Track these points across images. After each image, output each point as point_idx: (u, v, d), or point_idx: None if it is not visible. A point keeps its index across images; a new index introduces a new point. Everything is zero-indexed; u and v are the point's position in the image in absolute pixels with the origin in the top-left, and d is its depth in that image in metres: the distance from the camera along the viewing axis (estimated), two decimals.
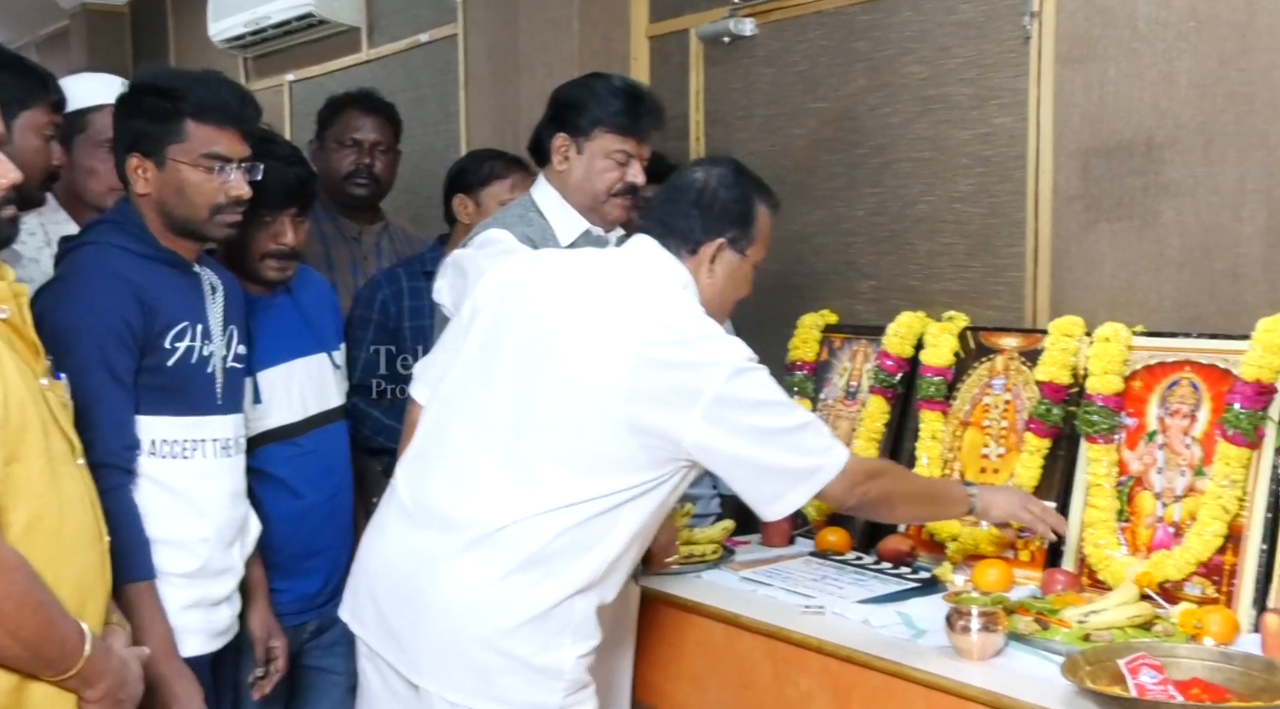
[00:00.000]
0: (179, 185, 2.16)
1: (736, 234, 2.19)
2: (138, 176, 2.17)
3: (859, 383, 3.07)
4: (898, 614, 2.38)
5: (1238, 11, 2.41)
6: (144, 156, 2.16)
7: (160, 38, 6.26)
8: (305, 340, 2.58)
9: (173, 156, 2.15)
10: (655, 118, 2.59)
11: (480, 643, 2.02)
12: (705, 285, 2.19)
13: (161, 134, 2.15)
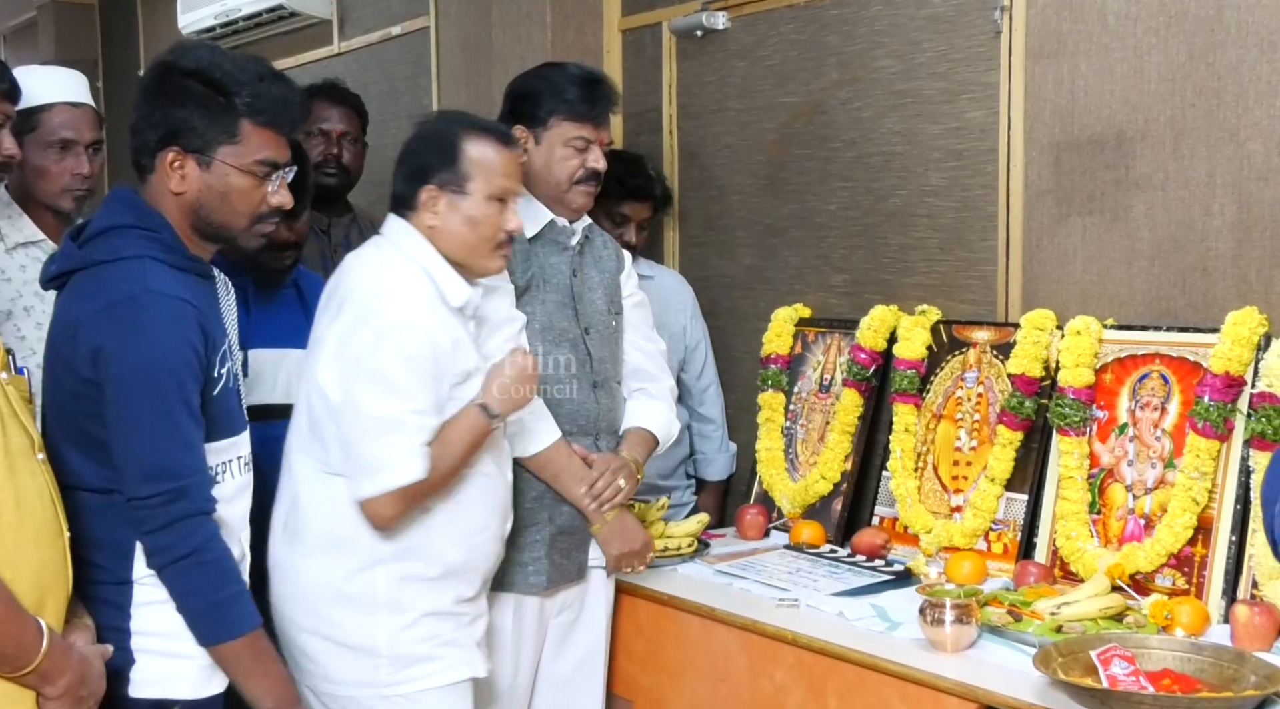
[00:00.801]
0: (224, 190, 1.92)
1: (445, 176, 2.21)
2: (173, 173, 1.91)
3: (833, 376, 3.08)
4: (872, 607, 2.40)
5: (1206, 6, 2.43)
6: (185, 152, 1.90)
7: (129, 30, 6.20)
8: (304, 335, 2.57)
9: (222, 158, 1.91)
10: (612, 102, 2.60)
11: (298, 628, 2.16)
12: (436, 236, 2.21)
13: (211, 131, 1.90)
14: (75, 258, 1.88)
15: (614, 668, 2.68)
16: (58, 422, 1.89)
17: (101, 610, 1.85)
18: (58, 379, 1.88)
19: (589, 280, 2.60)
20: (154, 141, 1.91)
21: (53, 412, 1.91)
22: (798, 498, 3.02)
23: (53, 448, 1.84)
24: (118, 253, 1.86)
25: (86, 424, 1.85)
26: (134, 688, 1.85)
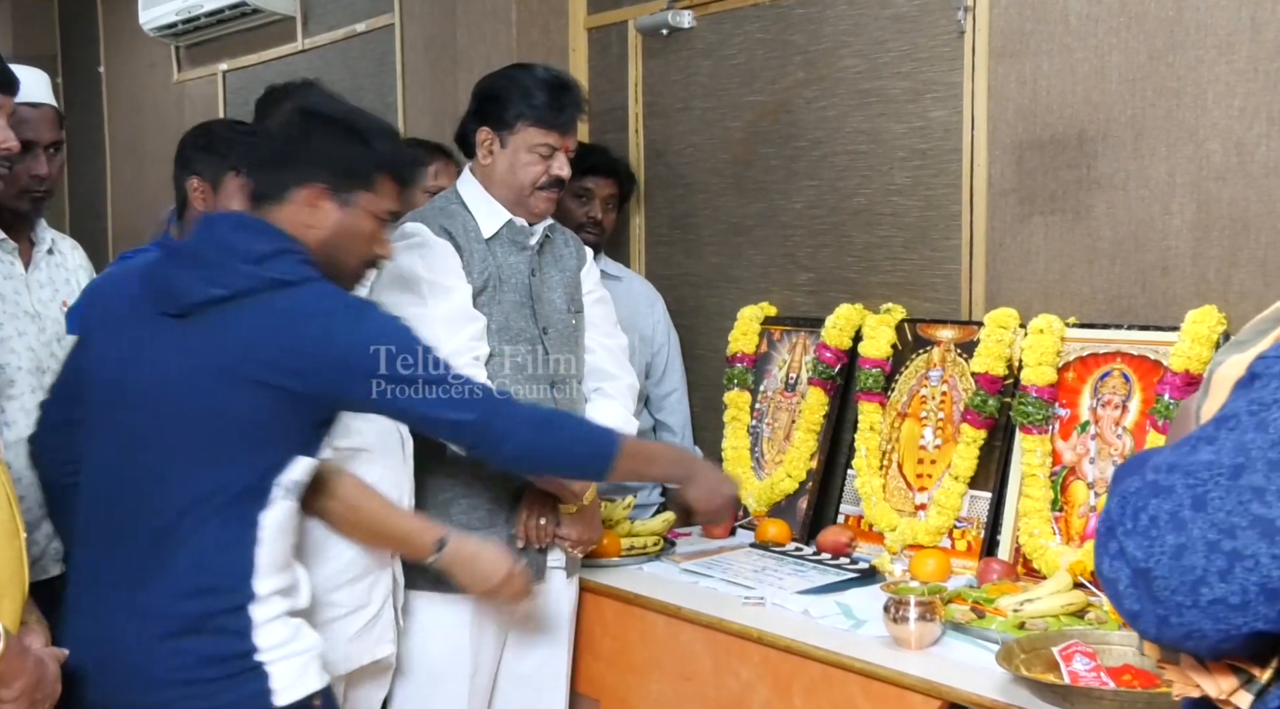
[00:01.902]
0: (355, 232, 2.00)
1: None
2: (311, 208, 1.97)
3: (798, 375, 3.09)
4: (837, 604, 2.40)
5: (1166, 8, 2.45)
6: (328, 192, 1.96)
7: (90, 26, 6.13)
8: None
9: (360, 202, 1.99)
10: (580, 109, 2.58)
11: None
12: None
13: (354, 177, 1.98)
14: (253, 278, 1.86)
15: (580, 667, 2.68)
16: (184, 438, 1.85)
17: (221, 642, 1.82)
18: (205, 394, 1.84)
19: (549, 280, 2.59)
20: (294, 177, 1.95)
21: (176, 430, 1.85)
22: (763, 496, 3.03)
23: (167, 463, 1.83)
24: (301, 275, 1.89)
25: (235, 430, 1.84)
26: (277, 698, 1.84)
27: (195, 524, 1.82)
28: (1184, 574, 1.12)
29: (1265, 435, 1.10)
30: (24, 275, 2.65)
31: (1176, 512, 1.13)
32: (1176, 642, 1.18)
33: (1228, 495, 1.11)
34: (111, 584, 1.85)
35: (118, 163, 6.07)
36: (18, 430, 2.52)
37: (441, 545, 2.22)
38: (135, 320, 1.90)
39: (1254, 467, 1.10)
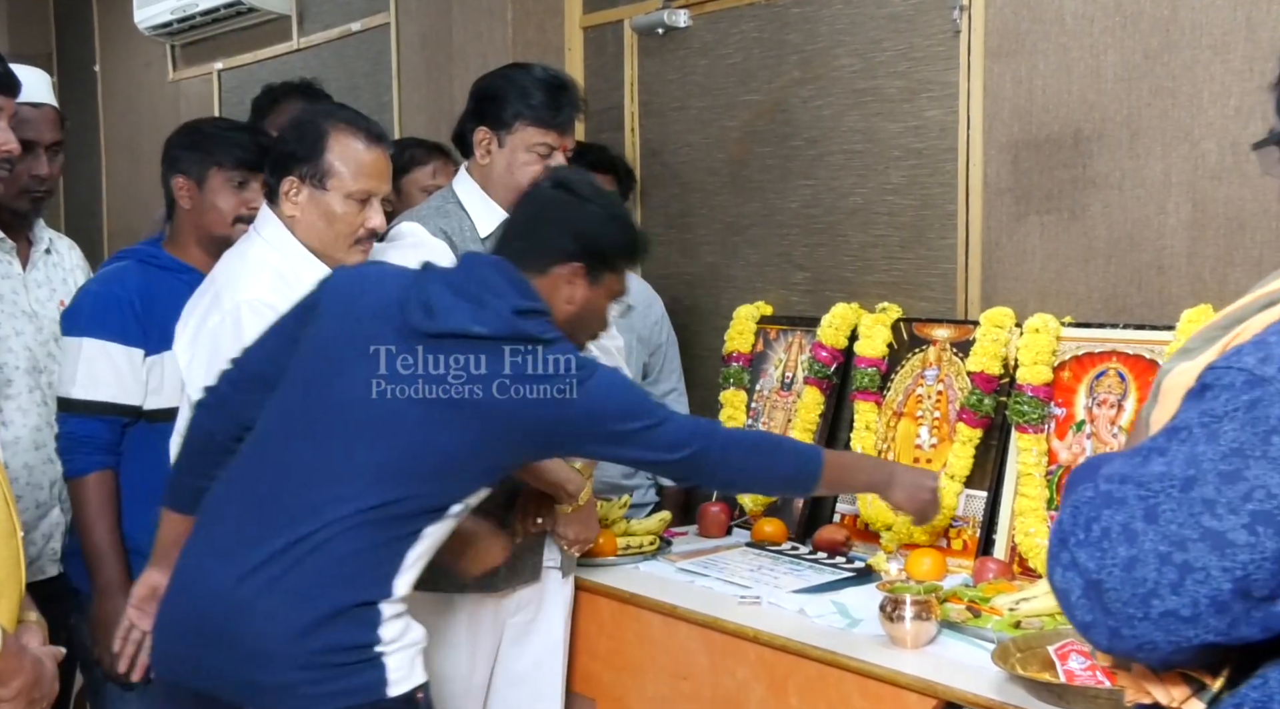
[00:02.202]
0: (590, 313, 2.12)
1: (306, 168, 2.26)
2: (567, 287, 2.07)
3: (794, 374, 3.09)
4: (833, 603, 2.40)
5: (1161, 7, 2.45)
6: (585, 272, 2.07)
7: (85, 24, 6.12)
8: None
9: (606, 284, 2.11)
10: (577, 109, 2.58)
11: None
12: (294, 226, 2.30)
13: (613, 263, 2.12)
14: (512, 327, 1.91)
15: (575, 666, 2.68)
16: (418, 463, 1.88)
17: (353, 632, 1.84)
18: (430, 419, 1.87)
19: None
20: (558, 253, 2.02)
21: (383, 441, 1.88)
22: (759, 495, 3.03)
23: (384, 480, 1.84)
24: (552, 336, 1.94)
25: (445, 458, 1.88)
26: (391, 688, 1.87)
27: (363, 525, 1.84)
28: (1135, 586, 1.13)
29: (1216, 447, 1.11)
30: (22, 275, 2.65)
31: (1128, 523, 1.13)
32: (1128, 653, 1.19)
33: (1179, 508, 1.11)
34: (258, 560, 1.84)
35: (113, 162, 6.06)
36: (14, 430, 2.52)
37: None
38: (381, 323, 1.92)
39: (1205, 479, 1.10)
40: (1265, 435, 1.09)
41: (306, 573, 1.82)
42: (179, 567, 1.94)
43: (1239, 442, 1.10)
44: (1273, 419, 1.09)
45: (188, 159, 2.56)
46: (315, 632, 1.81)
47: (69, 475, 2.47)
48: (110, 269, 2.59)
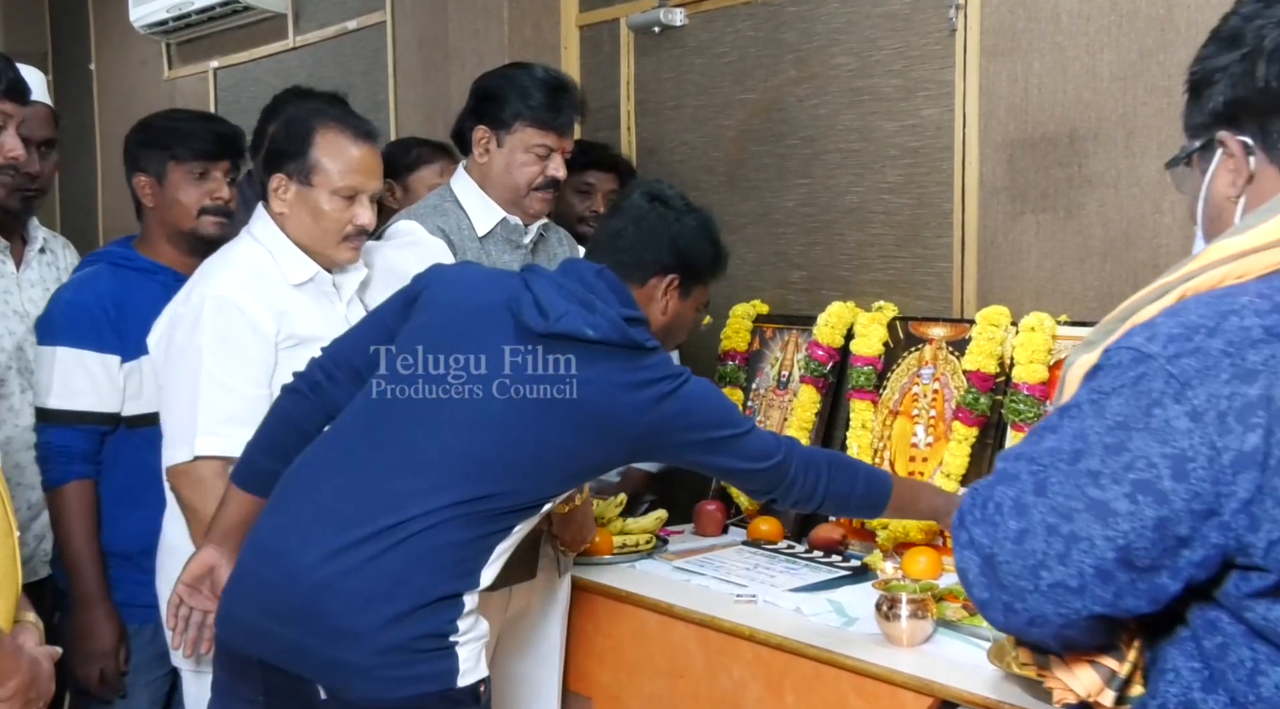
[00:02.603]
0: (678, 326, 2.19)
1: (294, 166, 2.29)
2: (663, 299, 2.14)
3: (790, 372, 3.09)
4: (829, 602, 2.40)
5: (1157, 6, 2.45)
6: (677, 284, 2.14)
7: (80, 23, 6.12)
8: None
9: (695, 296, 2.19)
10: (577, 111, 2.58)
11: None
12: (284, 222, 2.32)
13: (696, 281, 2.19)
14: (620, 332, 1.93)
15: (572, 665, 2.68)
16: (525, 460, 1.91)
17: (436, 620, 1.85)
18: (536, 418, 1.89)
19: None
20: (656, 265, 2.09)
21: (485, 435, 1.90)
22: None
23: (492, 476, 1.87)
24: (654, 344, 1.99)
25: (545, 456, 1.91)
26: (461, 679, 1.88)
27: (458, 516, 1.86)
28: (1025, 558, 1.17)
29: (1102, 421, 1.14)
30: (15, 274, 2.64)
31: (1019, 497, 1.18)
32: (1022, 629, 1.22)
33: (1066, 480, 1.15)
34: (358, 542, 1.84)
35: (109, 160, 6.05)
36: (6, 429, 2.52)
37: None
38: (490, 322, 1.96)
39: (1091, 452, 1.14)
40: (1147, 408, 1.12)
41: (398, 560, 1.83)
42: (256, 540, 1.94)
43: (1123, 415, 1.13)
44: (1155, 393, 1.12)
45: (146, 156, 2.54)
46: (402, 619, 1.82)
47: (46, 485, 2.45)
48: (82, 274, 2.56)
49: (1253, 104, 1.24)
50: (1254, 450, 1.08)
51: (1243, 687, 1.15)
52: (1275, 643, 1.13)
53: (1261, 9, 1.25)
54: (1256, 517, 1.09)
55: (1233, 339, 1.11)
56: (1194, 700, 1.19)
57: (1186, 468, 1.10)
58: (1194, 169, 1.34)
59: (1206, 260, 1.19)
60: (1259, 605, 1.13)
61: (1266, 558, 1.10)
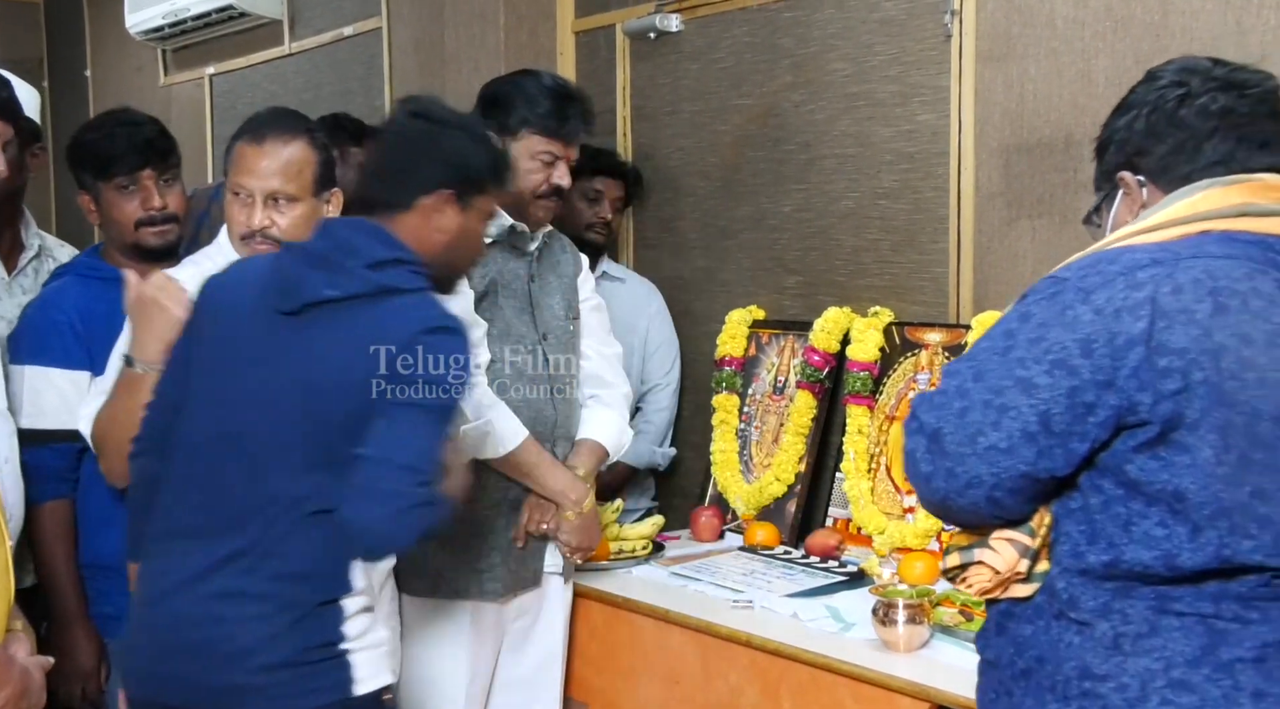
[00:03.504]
0: (474, 235, 2.12)
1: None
2: (437, 216, 2.02)
3: (786, 378, 3.09)
4: (825, 607, 2.41)
5: (1152, 12, 2.46)
6: (455, 197, 2.05)
7: (76, 29, 6.11)
8: None
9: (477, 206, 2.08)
10: (584, 120, 2.57)
11: None
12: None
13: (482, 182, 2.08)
14: (368, 282, 1.88)
15: (569, 671, 2.68)
16: (310, 446, 1.86)
17: (317, 629, 1.85)
18: (331, 400, 1.85)
19: (547, 286, 2.60)
20: (421, 184, 1.98)
21: (308, 436, 1.86)
22: (752, 500, 3.03)
23: (279, 473, 1.84)
24: (415, 284, 1.93)
25: (344, 445, 1.83)
26: (357, 687, 1.87)
27: (306, 516, 1.84)
28: (966, 428, 1.50)
29: (1026, 324, 1.50)
30: (5, 280, 2.63)
31: (961, 385, 1.52)
32: (959, 492, 1.52)
33: (999, 367, 1.49)
34: (214, 569, 1.84)
35: None
36: None
37: None
38: (255, 317, 1.92)
39: (1018, 345, 1.49)
40: (1061, 310, 1.47)
41: (261, 577, 1.83)
42: (140, 593, 1.94)
43: (1043, 318, 1.48)
44: (1067, 300, 1.47)
45: (79, 176, 2.52)
46: (282, 635, 1.82)
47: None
48: (50, 289, 2.54)
49: (1137, 146, 1.63)
50: (1141, 333, 1.42)
51: (1119, 532, 1.46)
52: (1147, 495, 1.44)
53: (1145, 85, 1.66)
54: (1144, 380, 1.42)
55: (1126, 265, 1.48)
56: (1081, 552, 1.49)
57: (1091, 347, 1.44)
58: (1102, 214, 1.70)
59: (1108, 239, 1.58)
60: (1139, 458, 1.44)
61: (1152, 412, 1.42)
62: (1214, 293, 1.43)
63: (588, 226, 3.21)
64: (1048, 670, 1.51)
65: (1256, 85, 1.59)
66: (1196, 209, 1.53)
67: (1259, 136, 1.57)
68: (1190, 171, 1.58)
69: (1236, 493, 1.41)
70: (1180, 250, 1.49)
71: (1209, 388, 1.40)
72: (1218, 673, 1.42)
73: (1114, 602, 1.47)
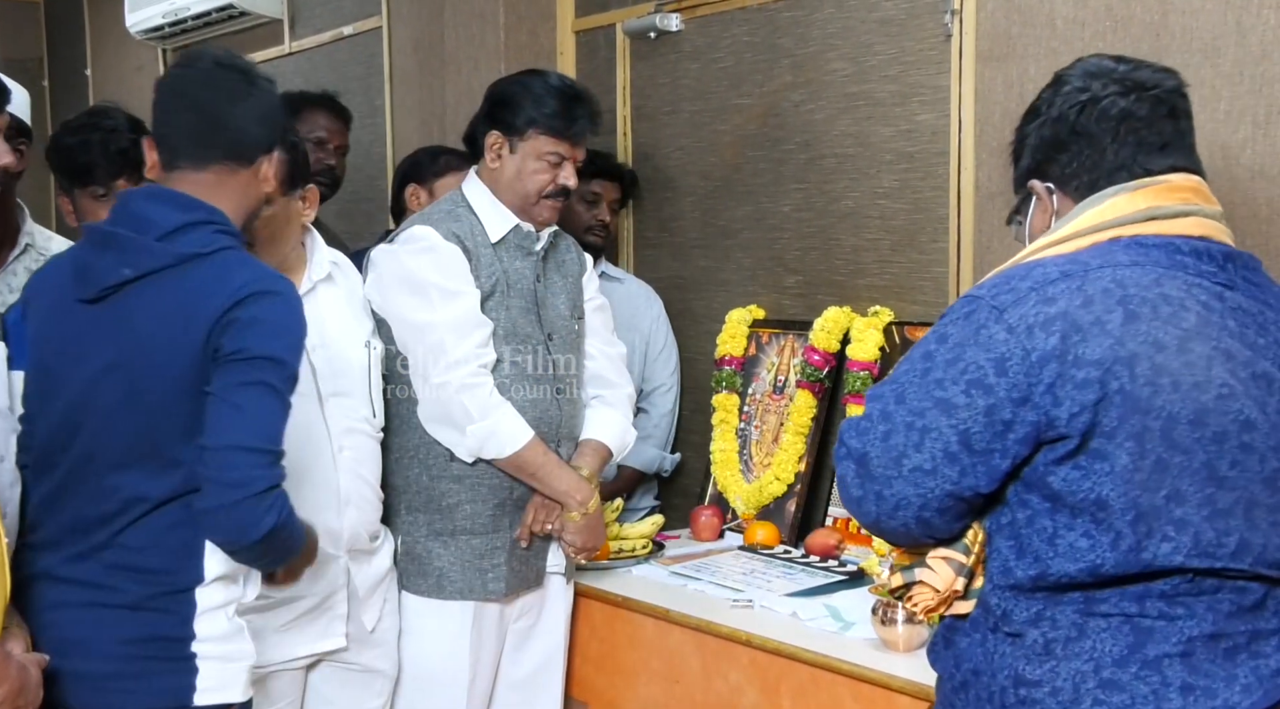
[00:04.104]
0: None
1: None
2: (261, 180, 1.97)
3: (786, 377, 3.09)
4: (825, 607, 2.41)
5: (1151, 11, 2.46)
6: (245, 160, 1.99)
7: (76, 28, 6.11)
8: None
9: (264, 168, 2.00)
10: (591, 121, 2.57)
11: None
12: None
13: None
14: (163, 255, 1.81)
15: (569, 670, 2.68)
16: (129, 439, 1.81)
17: (161, 621, 1.81)
18: (149, 385, 1.80)
19: (552, 285, 2.60)
20: (215, 146, 1.90)
21: (123, 428, 1.81)
22: (752, 499, 3.03)
23: (113, 467, 1.80)
24: (218, 244, 1.84)
25: (168, 434, 1.79)
26: (199, 696, 1.81)
27: (145, 506, 1.80)
28: (890, 452, 1.54)
29: (944, 346, 1.53)
30: None
31: (884, 408, 1.56)
32: (889, 515, 1.57)
33: (919, 390, 1.53)
34: (61, 561, 1.83)
35: None
36: None
37: None
38: (62, 309, 1.87)
39: (936, 367, 1.52)
40: (976, 330, 1.50)
41: (101, 566, 1.80)
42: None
43: (959, 338, 1.51)
44: (981, 319, 1.50)
45: (61, 181, 2.52)
46: (123, 619, 1.79)
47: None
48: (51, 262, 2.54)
49: (1044, 153, 1.65)
50: (1054, 349, 1.45)
51: (1044, 546, 1.48)
52: (1071, 507, 1.46)
53: (1050, 90, 1.67)
54: (1059, 396, 1.44)
55: (1038, 280, 1.51)
56: (1010, 568, 1.52)
57: (1006, 366, 1.47)
58: (1023, 215, 1.73)
59: (1022, 254, 1.62)
60: (1061, 470, 1.46)
61: (1069, 426, 1.44)
62: (1124, 301, 1.46)
63: (587, 229, 3.21)
64: (984, 682, 1.54)
65: (1155, 86, 1.61)
66: (1104, 217, 1.57)
67: (1158, 139, 1.60)
68: (1094, 179, 1.61)
69: (1154, 498, 1.44)
70: (1089, 261, 1.52)
71: (1124, 396, 1.43)
72: (1145, 670, 1.45)
73: (1044, 610, 1.50)
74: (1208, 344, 1.46)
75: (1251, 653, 1.47)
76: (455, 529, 2.45)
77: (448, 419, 2.41)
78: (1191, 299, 1.49)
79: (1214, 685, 1.44)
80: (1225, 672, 1.45)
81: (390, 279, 2.44)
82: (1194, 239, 1.55)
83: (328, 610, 2.32)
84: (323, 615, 2.32)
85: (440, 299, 2.42)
